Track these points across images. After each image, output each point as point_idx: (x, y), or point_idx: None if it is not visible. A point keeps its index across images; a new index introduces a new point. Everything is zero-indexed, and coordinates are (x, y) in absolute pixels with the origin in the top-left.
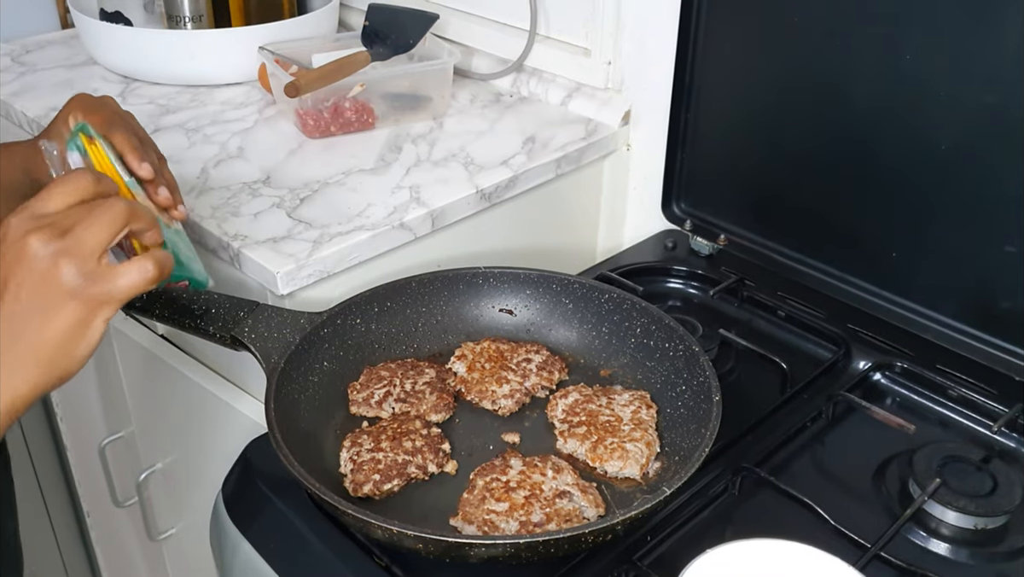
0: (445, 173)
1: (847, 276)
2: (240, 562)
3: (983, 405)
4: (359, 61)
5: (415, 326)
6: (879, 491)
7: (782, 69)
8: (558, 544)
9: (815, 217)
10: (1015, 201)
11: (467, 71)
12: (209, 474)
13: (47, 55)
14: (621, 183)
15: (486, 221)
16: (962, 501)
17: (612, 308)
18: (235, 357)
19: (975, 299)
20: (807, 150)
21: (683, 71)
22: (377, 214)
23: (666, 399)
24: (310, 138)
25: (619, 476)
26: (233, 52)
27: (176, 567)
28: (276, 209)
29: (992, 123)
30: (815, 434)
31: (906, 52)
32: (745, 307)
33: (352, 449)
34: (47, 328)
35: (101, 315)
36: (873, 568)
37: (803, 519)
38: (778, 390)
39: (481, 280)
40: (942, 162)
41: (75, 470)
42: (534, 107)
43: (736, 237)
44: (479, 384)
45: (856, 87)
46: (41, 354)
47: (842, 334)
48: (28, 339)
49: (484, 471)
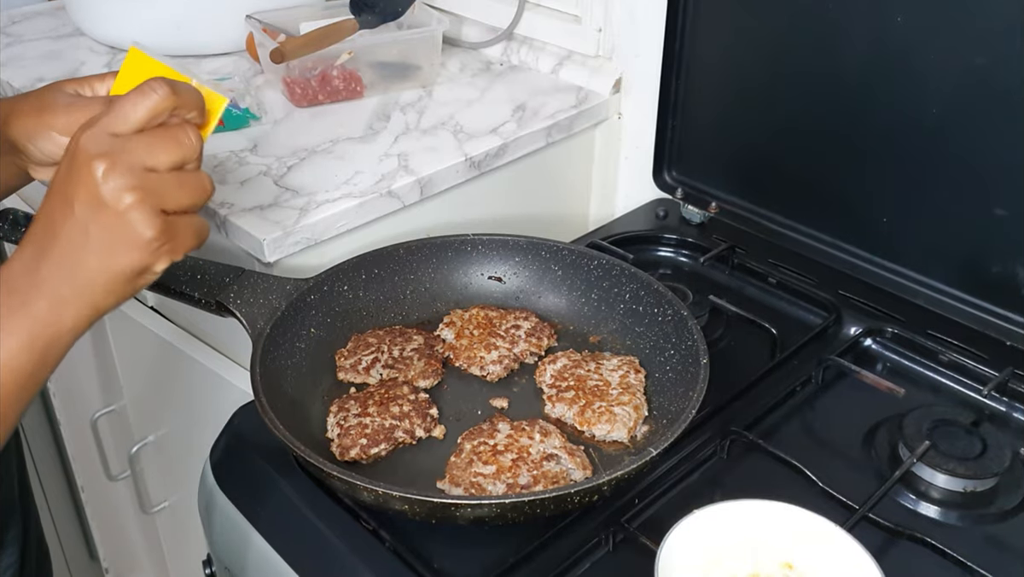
0: (434, 141)
1: (838, 242)
2: (227, 528)
3: (973, 369)
4: (346, 28)
5: (403, 293)
6: (869, 455)
7: (773, 35)
8: (544, 504)
9: (806, 184)
10: (1005, 165)
11: (457, 39)
12: (201, 446)
13: (33, 26)
14: (613, 152)
15: (476, 190)
16: (951, 464)
17: (601, 274)
18: (226, 329)
19: (966, 264)
20: (798, 116)
21: (673, 38)
22: (365, 182)
23: (655, 364)
24: (298, 107)
25: (607, 439)
26: (220, 21)
27: (170, 540)
28: (263, 177)
29: (983, 86)
30: (805, 399)
31: (897, 14)
32: (736, 274)
33: (339, 414)
34: (110, 266)
35: (161, 264)
36: (862, 529)
37: (792, 482)
38: (768, 356)
39: (470, 247)
40: (933, 126)
41: (68, 445)
42: (524, 75)
43: (727, 205)
44: (467, 350)
45: (847, 51)
46: (98, 286)
47: (833, 300)
48: (88, 270)
49: (472, 435)
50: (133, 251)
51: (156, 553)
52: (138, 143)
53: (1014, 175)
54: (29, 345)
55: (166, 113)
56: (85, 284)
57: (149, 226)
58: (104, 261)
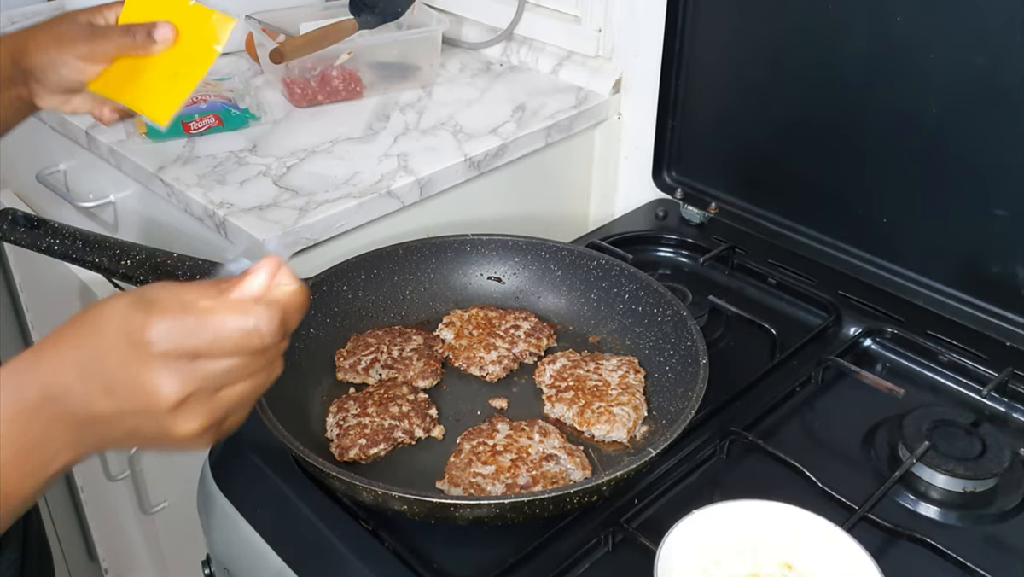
0: (433, 141)
1: (838, 243)
2: (226, 528)
3: (973, 370)
4: (346, 29)
5: (402, 294)
6: (868, 455)
7: (772, 34)
8: (543, 504)
9: (806, 184)
10: (1005, 164)
11: (456, 40)
12: None
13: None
14: (612, 152)
15: (476, 190)
16: (951, 464)
17: (601, 275)
18: None
19: (966, 264)
20: (798, 116)
21: (673, 38)
22: (364, 182)
23: (654, 364)
24: (297, 107)
25: (606, 439)
26: None
27: (169, 540)
28: (262, 177)
29: (983, 85)
30: (805, 399)
31: (896, 14)
32: (735, 275)
33: (338, 414)
34: (141, 446)
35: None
36: (861, 530)
37: (791, 482)
38: (768, 356)
39: (469, 247)
40: (932, 126)
41: None
42: (524, 76)
43: (727, 205)
44: (467, 351)
45: (847, 51)
46: (114, 447)
47: (832, 300)
48: (112, 442)
49: (471, 435)
50: (176, 448)
51: (155, 553)
52: (222, 373)
53: (1014, 175)
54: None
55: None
56: (112, 445)
57: (207, 442)
58: (136, 443)
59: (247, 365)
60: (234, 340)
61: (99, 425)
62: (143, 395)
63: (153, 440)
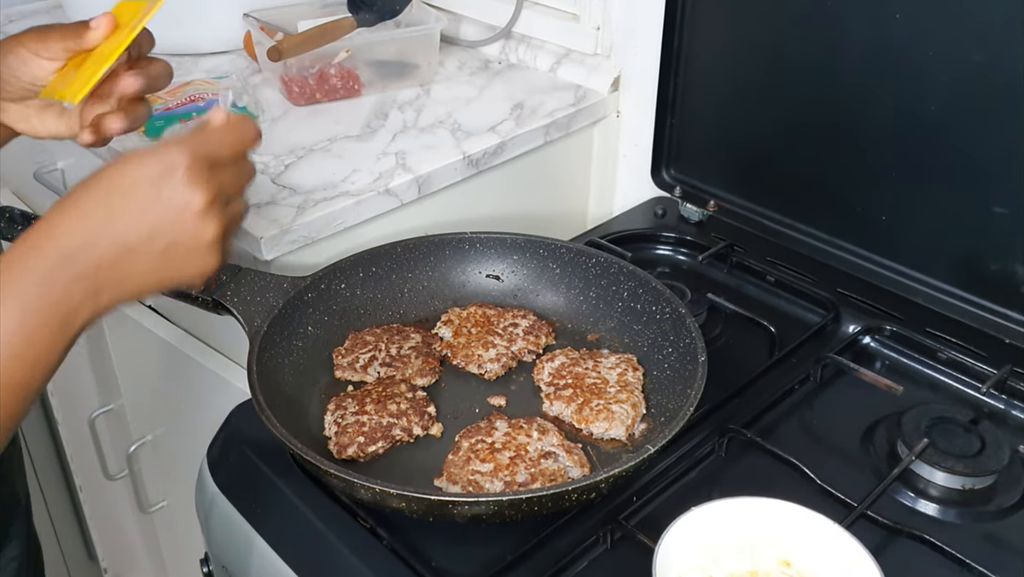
0: (432, 139)
1: (836, 240)
2: (225, 526)
3: (972, 367)
4: (344, 27)
5: (401, 292)
6: (867, 452)
7: (771, 32)
8: (541, 502)
9: (804, 182)
10: (1005, 162)
11: (455, 38)
12: (198, 445)
13: (31, 25)
14: (611, 150)
15: (474, 188)
16: (950, 461)
17: (599, 272)
18: (224, 327)
19: (965, 262)
20: (796, 114)
21: (672, 36)
22: (362, 180)
23: (653, 362)
24: (295, 105)
25: (605, 437)
26: (217, 19)
27: (168, 539)
28: (261, 175)
29: (981, 83)
30: (803, 397)
31: (895, 11)
32: (734, 272)
33: (336, 412)
34: (179, 274)
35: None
36: (860, 527)
37: (790, 480)
38: (767, 354)
39: (467, 245)
40: (931, 124)
41: (67, 444)
42: (523, 74)
43: (725, 203)
44: (465, 348)
45: (845, 48)
46: (139, 289)
47: (831, 298)
48: (157, 276)
49: (469, 433)
50: (193, 275)
51: (154, 552)
52: (231, 175)
53: (1013, 172)
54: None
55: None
56: (131, 290)
57: (219, 258)
58: (161, 269)
59: (242, 171)
60: (232, 143)
61: (126, 261)
62: (179, 202)
63: (183, 255)
